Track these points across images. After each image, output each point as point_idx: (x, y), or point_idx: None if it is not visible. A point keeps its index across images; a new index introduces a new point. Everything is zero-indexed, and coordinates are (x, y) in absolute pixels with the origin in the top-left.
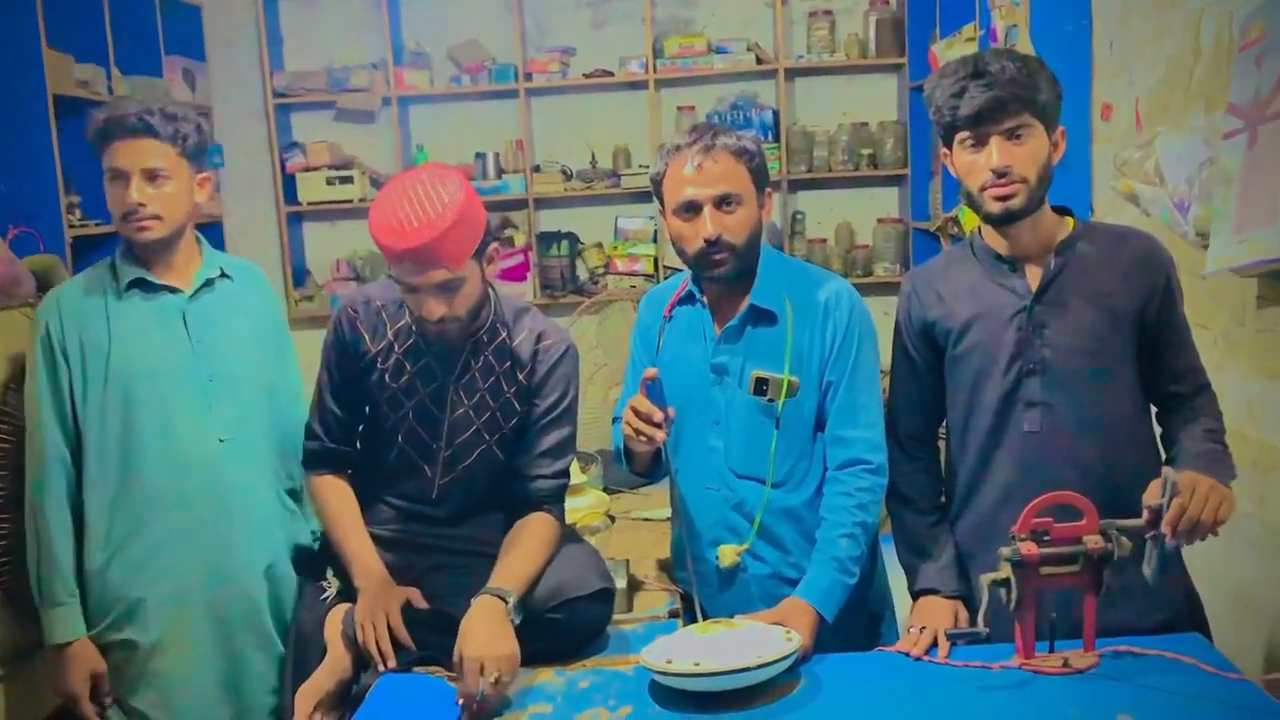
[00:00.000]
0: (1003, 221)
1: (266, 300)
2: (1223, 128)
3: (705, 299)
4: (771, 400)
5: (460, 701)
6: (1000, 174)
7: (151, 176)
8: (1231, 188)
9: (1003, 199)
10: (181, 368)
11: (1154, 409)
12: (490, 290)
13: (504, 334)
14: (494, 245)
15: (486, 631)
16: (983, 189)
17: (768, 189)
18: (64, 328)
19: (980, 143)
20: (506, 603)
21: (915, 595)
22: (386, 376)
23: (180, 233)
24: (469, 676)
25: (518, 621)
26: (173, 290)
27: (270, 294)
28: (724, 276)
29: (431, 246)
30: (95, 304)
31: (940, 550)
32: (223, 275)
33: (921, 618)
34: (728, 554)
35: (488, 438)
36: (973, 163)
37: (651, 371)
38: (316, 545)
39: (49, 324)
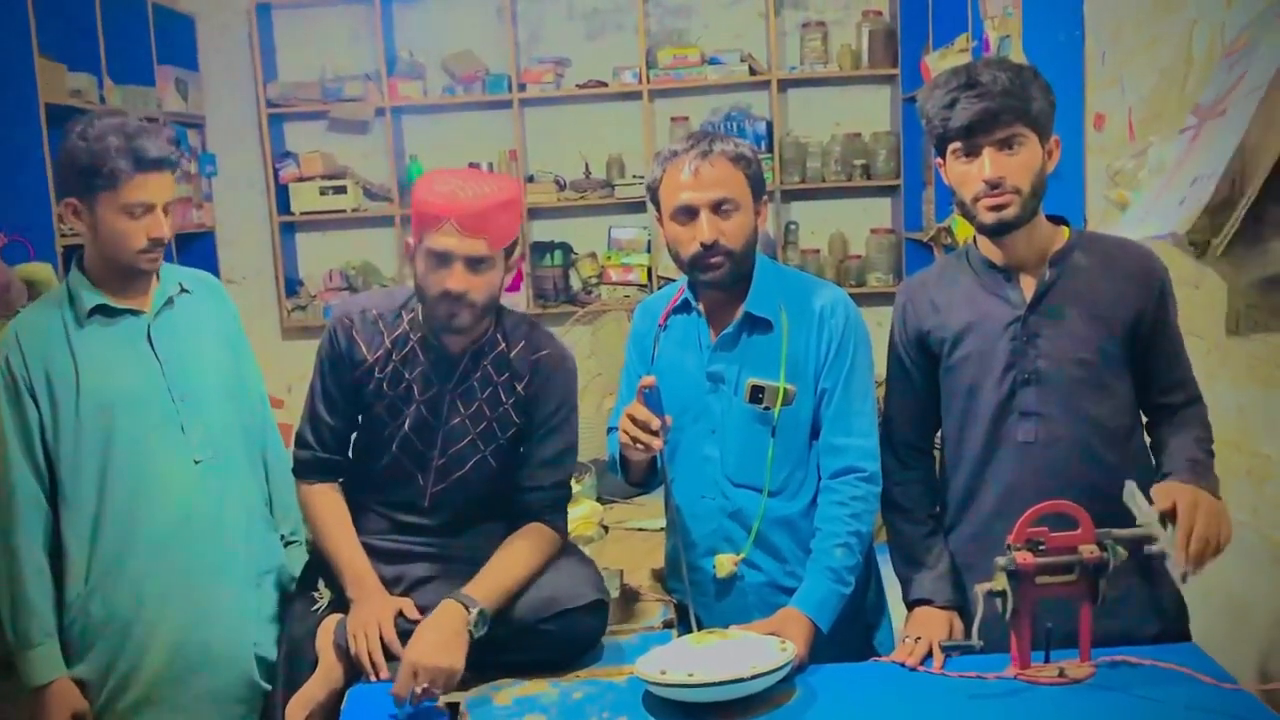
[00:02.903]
0: (996, 232)
1: (228, 311)
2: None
3: (701, 307)
4: (767, 408)
5: (392, 695)
6: (993, 185)
7: (167, 208)
8: (1157, 178)
9: (996, 209)
10: (151, 390)
11: (1144, 419)
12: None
13: (503, 345)
14: (517, 256)
15: (433, 639)
16: (976, 199)
17: (764, 198)
18: (27, 362)
19: (973, 153)
20: (469, 611)
21: (910, 605)
22: (384, 385)
23: None
24: (400, 678)
25: (481, 634)
26: (134, 313)
27: (230, 303)
28: (719, 281)
29: (482, 213)
30: (56, 335)
31: (935, 560)
32: (182, 290)
33: (917, 628)
34: (724, 563)
35: (482, 448)
36: (965, 173)
37: (649, 379)
38: (285, 549)
39: (10, 359)
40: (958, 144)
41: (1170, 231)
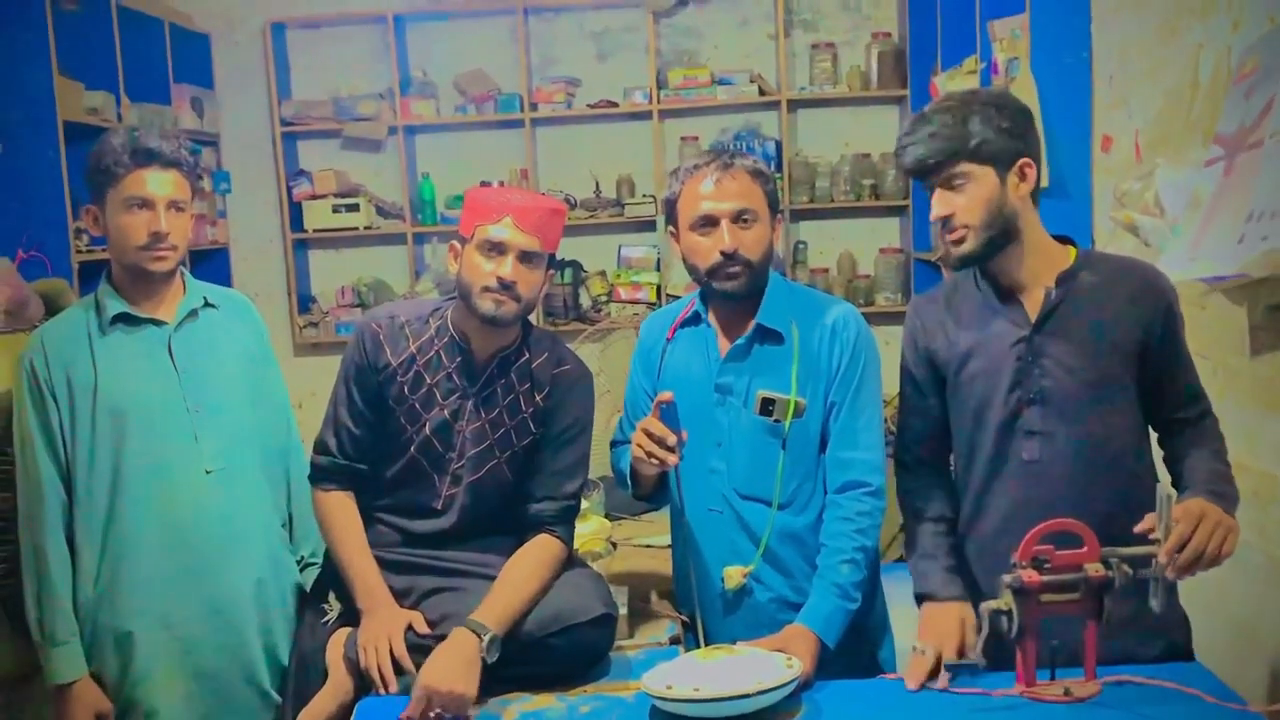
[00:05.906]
0: (962, 265)
1: (255, 329)
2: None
3: (712, 318)
4: (778, 421)
5: (402, 719)
6: (944, 222)
7: (174, 207)
8: (1198, 212)
9: (954, 244)
10: (167, 400)
11: (1156, 435)
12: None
13: (527, 354)
14: (550, 273)
15: (446, 665)
16: (941, 233)
17: (778, 215)
18: (50, 366)
19: (932, 190)
20: (481, 639)
21: (918, 600)
22: (405, 388)
23: (181, 263)
24: (412, 702)
25: (492, 659)
26: (157, 323)
27: (259, 322)
28: (736, 292)
29: (538, 213)
30: (79, 340)
31: (945, 557)
32: (207, 305)
33: (928, 629)
34: (733, 575)
35: (498, 454)
36: (934, 207)
37: (667, 395)
38: (303, 572)
39: (34, 362)
40: (921, 181)
41: (1239, 273)
